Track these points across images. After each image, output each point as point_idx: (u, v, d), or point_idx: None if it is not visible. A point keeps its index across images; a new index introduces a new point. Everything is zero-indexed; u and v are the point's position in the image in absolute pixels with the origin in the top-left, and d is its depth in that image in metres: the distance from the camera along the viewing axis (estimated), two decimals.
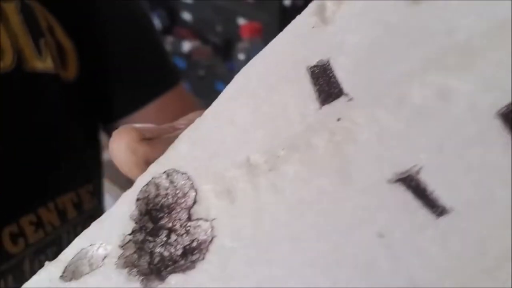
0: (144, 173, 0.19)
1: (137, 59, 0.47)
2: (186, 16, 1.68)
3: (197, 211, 0.18)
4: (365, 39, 0.17)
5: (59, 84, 0.41)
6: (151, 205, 0.18)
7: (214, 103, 0.19)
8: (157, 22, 1.56)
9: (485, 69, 0.15)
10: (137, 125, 0.20)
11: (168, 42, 1.51)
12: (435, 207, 0.16)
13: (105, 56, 0.46)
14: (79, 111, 0.46)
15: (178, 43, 1.49)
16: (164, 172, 0.19)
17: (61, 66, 0.42)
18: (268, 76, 0.19)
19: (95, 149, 0.49)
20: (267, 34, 1.21)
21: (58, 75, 0.41)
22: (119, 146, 0.19)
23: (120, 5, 0.47)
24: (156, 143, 0.20)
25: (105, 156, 0.51)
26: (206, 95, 1.25)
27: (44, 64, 0.40)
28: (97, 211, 0.47)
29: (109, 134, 0.50)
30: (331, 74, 0.18)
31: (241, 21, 1.47)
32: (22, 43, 0.39)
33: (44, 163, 0.42)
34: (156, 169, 0.19)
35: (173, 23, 1.69)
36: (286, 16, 1.51)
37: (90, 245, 0.19)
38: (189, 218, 0.18)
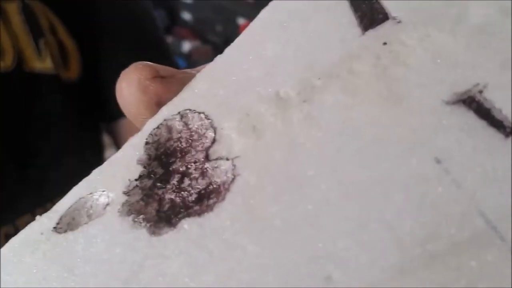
0: (155, 116, 0.17)
1: (139, 58, 0.47)
2: (186, 16, 1.68)
3: (216, 150, 0.16)
4: None
5: (59, 84, 0.41)
6: (161, 149, 0.17)
7: (237, 41, 0.18)
8: None
9: None
10: (151, 63, 0.18)
11: (168, 42, 1.51)
12: (503, 127, 0.14)
13: (107, 55, 0.46)
14: (80, 110, 0.46)
15: (178, 43, 1.49)
16: (178, 113, 0.17)
17: (63, 65, 0.42)
18: (301, 7, 0.18)
19: (97, 149, 0.49)
20: None
21: (58, 75, 0.41)
22: (128, 84, 0.17)
23: (123, 4, 0.47)
24: (171, 82, 0.18)
25: (107, 156, 0.51)
26: None
27: (43, 64, 0.40)
28: None
29: (111, 134, 0.51)
30: (374, 0, 0.17)
31: (241, 21, 1.47)
32: (23, 43, 0.39)
33: (42, 163, 0.42)
34: (169, 111, 0.17)
35: (173, 23, 1.69)
36: None
37: (90, 193, 0.17)
38: (207, 159, 0.16)
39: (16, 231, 0.37)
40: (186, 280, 0.15)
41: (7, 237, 0.37)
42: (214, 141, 0.16)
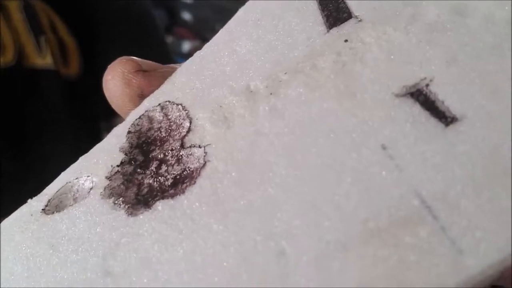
0: (138, 107, 0.19)
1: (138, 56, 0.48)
2: (186, 16, 1.68)
3: (191, 139, 0.18)
4: None
5: (59, 81, 0.42)
6: (143, 138, 0.18)
7: (215, 37, 0.20)
8: None
9: None
10: (135, 58, 0.19)
11: (168, 42, 1.51)
12: (445, 117, 0.16)
13: (106, 53, 0.47)
14: (80, 107, 0.46)
15: (178, 43, 1.49)
16: (159, 104, 0.19)
17: (62, 62, 0.42)
18: (273, 6, 0.19)
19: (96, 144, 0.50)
20: None
21: (57, 72, 0.42)
22: (113, 77, 0.19)
23: (122, 4, 0.48)
24: (153, 76, 0.19)
25: None
26: None
27: (44, 60, 0.40)
28: None
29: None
30: (340, 0, 0.18)
31: None
32: (23, 40, 0.40)
33: (41, 157, 0.42)
34: (150, 102, 0.19)
35: (173, 23, 1.69)
36: None
37: (76, 178, 0.19)
38: (182, 146, 0.18)
39: None
40: (157, 256, 0.16)
41: None
42: (189, 130, 0.18)
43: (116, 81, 0.19)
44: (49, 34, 0.41)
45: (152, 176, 0.18)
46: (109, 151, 0.19)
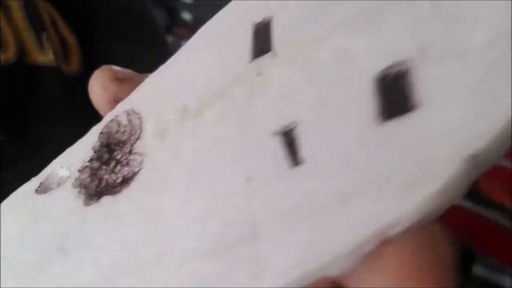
0: (112, 110, 0.22)
1: (137, 57, 0.48)
2: (186, 16, 1.68)
3: (138, 146, 0.21)
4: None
5: (60, 77, 0.42)
6: (111, 139, 0.21)
7: (176, 54, 0.22)
8: None
9: (381, 32, 0.16)
10: (114, 67, 0.23)
11: (168, 42, 1.51)
12: (296, 160, 0.17)
13: (106, 52, 0.47)
14: (81, 104, 0.47)
15: (178, 43, 1.49)
16: (125, 111, 0.21)
17: (63, 59, 0.43)
18: (220, 30, 0.21)
19: None
20: None
21: (59, 68, 0.42)
22: (95, 83, 0.22)
23: (123, 3, 0.48)
24: (126, 84, 0.22)
25: None
26: None
27: (46, 57, 0.41)
28: None
29: None
30: (269, 31, 0.19)
31: None
32: (24, 36, 0.40)
33: (45, 153, 0.43)
34: (120, 108, 0.22)
35: (173, 23, 1.69)
36: None
37: (60, 167, 0.22)
38: (130, 152, 0.21)
39: None
40: (93, 240, 0.20)
41: None
42: (138, 138, 0.21)
43: (96, 86, 0.22)
44: (50, 31, 0.42)
45: (109, 173, 0.21)
46: (85, 147, 0.22)
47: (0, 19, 0.38)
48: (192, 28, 1.66)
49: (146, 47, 0.48)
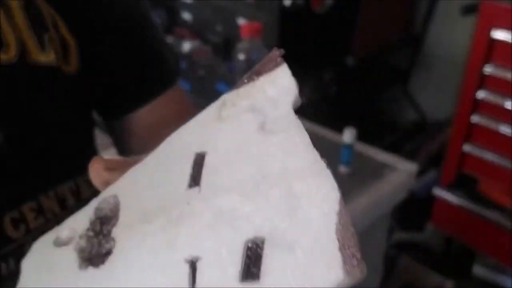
0: (105, 190, 0.27)
1: (131, 62, 0.48)
2: (186, 16, 1.68)
3: (114, 231, 0.25)
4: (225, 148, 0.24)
5: (60, 77, 0.43)
6: (102, 214, 0.26)
7: (145, 160, 0.26)
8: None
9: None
10: (106, 157, 0.28)
11: (168, 42, 1.51)
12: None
13: (105, 54, 0.47)
14: (79, 104, 0.47)
15: (178, 43, 1.49)
16: (112, 194, 0.26)
17: (63, 60, 0.43)
18: (170, 151, 0.26)
19: (91, 141, 0.51)
20: (267, 34, 1.21)
21: (59, 68, 0.42)
22: (91, 171, 0.28)
23: (122, 6, 0.48)
24: (114, 171, 0.27)
25: (97, 143, 0.52)
26: (206, 95, 1.25)
27: (46, 57, 0.41)
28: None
29: (113, 131, 0.53)
30: (201, 164, 0.24)
31: (241, 21, 1.47)
32: (25, 37, 0.40)
33: (44, 152, 0.43)
34: (110, 191, 0.26)
35: (173, 23, 1.69)
36: (286, 16, 1.51)
37: (70, 228, 0.26)
38: (109, 233, 0.25)
39: (21, 216, 0.40)
40: None
41: (12, 221, 0.41)
42: (115, 223, 0.25)
43: (93, 173, 0.28)
44: (52, 31, 0.42)
45: (99, 244, 0.25)
46: (85, 217, 0.26)
47: (1, 19, 0.38)
48: (192, 28, 1.66)
49: (138, 54, 0.48)
